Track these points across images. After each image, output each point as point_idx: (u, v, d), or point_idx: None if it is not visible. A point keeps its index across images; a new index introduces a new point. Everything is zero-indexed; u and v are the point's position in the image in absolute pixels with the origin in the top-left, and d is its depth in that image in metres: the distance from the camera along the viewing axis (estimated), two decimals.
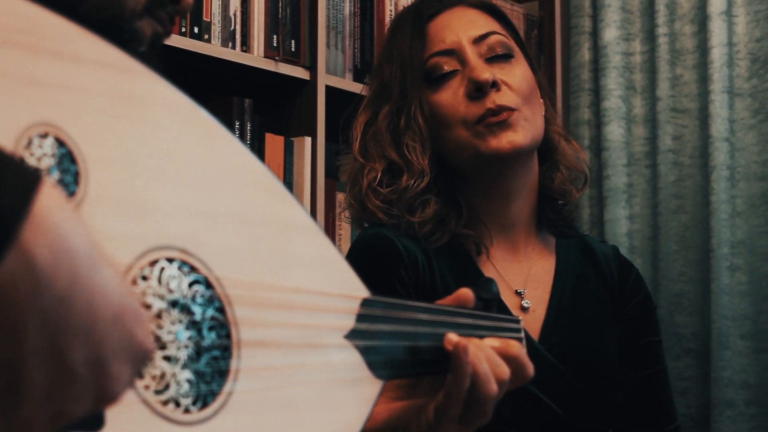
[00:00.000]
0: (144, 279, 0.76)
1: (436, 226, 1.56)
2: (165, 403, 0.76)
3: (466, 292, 1.13)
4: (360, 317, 0.96)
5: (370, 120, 1.65)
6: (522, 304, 1.59)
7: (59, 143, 0.70)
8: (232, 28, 2.32)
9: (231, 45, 2.31)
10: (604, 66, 3.09)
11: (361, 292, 0.97)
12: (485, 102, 1.55)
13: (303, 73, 2.45)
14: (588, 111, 3.16)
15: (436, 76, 1.60)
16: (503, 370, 1.10)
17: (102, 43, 0.74)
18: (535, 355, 1.19)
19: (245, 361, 0.82)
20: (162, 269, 0.77)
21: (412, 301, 1.05)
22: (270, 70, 2.38)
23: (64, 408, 0.62)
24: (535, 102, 1.61)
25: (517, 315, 1.40)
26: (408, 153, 1.57)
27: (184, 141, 0.80)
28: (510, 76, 1.59)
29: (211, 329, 0.80)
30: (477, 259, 1.59)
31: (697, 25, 3.00)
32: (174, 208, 0.78)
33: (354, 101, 1.75)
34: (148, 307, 0.76)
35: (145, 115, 0.77)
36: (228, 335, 0.81)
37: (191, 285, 0.79)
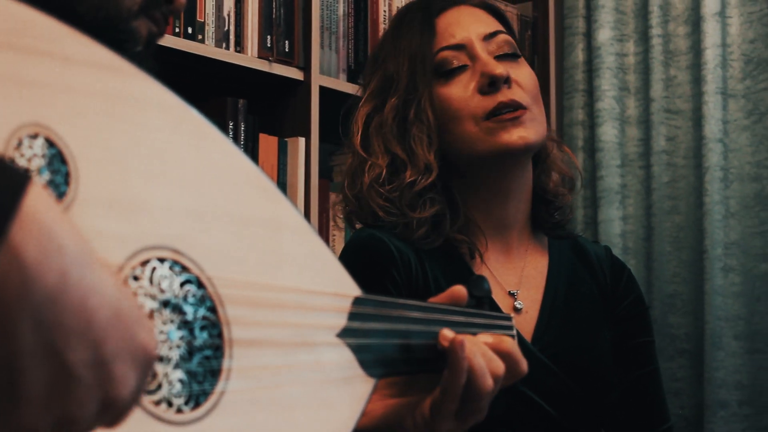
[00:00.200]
0: (135, 279, 0.76)
1: (431, 228, 1.56)
2: (157, 403, 0.76)
3: (459, 290, 1.13)
4: (352, 316, 0.96)
5: (372, 112, 1.64)
6: (515, 305, 1.59)
7: (49, 144, 0.70)
8: (226, 28, 2.32)
9: (225, 45, 2.31)
10: (597, 67, 3.10)
11: (353, 290, 0.97)
12: (497, 96, 1.55)
13: (297, 74, 2.45)
14: (582, 112, 3.16)
15: (445, 70, 1.59)
16: (498, 365, 1.10)
17: (93, 44, 0.74)
18: (528, 355, 1.19)
19: (237, 361, 0.82)
20: (153, 269, 0.77)
21: (403, 299, 1.05)
22: (264, 70, 2.38)
23: (67, 413, 0.62)
24: (540, 103, 1.62)
25: (512, 322, 1.40)
26: (414, 145, 1.57)
27: (176, 141, 0.80)
28: (519, 74, 1.59)
29: (203, 329, 0.80)
30: (470, 261, 1.59)
31: (690, 26, 3.01)
32: (165, 208, 0.78)
33: (349, 100, 1.75)
34: (142, 309, 0.76)
35: (136, 116, 0.77)
36: (220, 335, 0.81)
37: (183, 285, 0.79)
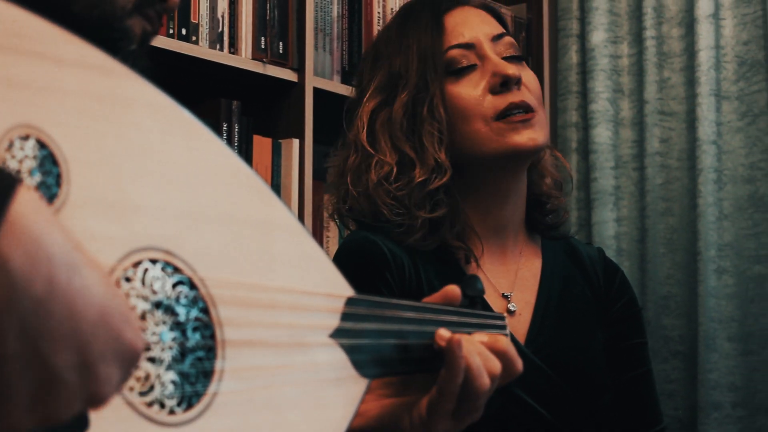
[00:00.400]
0: (127, 280, 0.76)
1: (429, 230, 1.55)
2: (150, 404, 0.76)
3: (452, 289, 1.13)
4: (345, 316, 0.96)
5: (378, 108, 1.62)
6: (508, 307, 1.59)
7: (41, 145, 0.70)
8: (220, 29, 2.32)
9: (219, 47, 2.31)
10: (591, 69, 3.10)
11: (346, 290, 0.97)
12: (508, 96, 1.55)
13: (291, 75, 2.45)
14: (576, 114, 3.16)
15: (455, 68, 1.59)
16: (495, 364, 1.11)
17: (85, 45, 0.74)
18: (521, 358, 1.19)
19: (230, 362, 0.82)
20: (145, 270, 0.77)
21: (396, 299, 1.06)
22: (258, 72, 2.38)
23: (51, 413, 0.62)
24: (543, 106, 1.62)
25: (505, 321, 1.39)
26: (426, 142, 1.56)
27: (168, 142, 0.80)
28: (526, 77, 1.59)
29: (195, 330, 0.80)
30: (465, 266, 1.58)
31: (684, 28, 3.01)
32: (157, 209, 0.78)
33: (348, 99, 1.74)
34: (132, 308, 0.76)
35: (128, 117, 0.77)
36: (212, 336, 0.81)
37: (175, 286, 0.79)
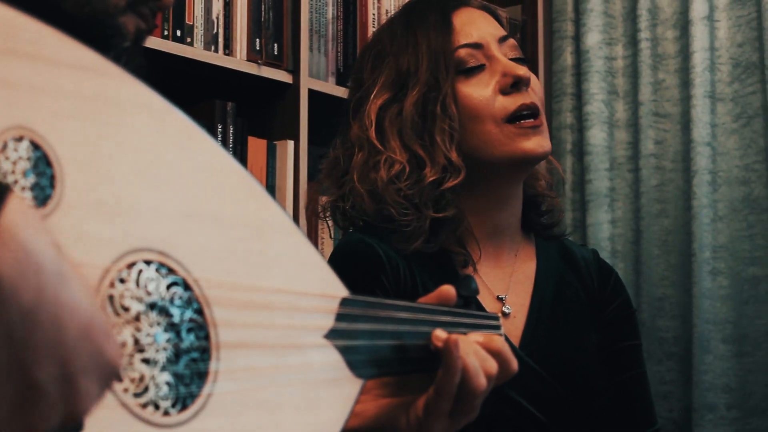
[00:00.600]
0: (122, 281, 0.76)
1: (431, 234, 1.54)
2: (144, 405, 0.76)
3: (447, 289, 1.13)
4: (339, 317, 0.96)
5: (386, 106, 1.60)
6: (503, 309, 1.59)
7: (34, 146, 0.70)
8: (215, 31, 2.32)
9: (214, 48, 2.31)
10: (586, 70, 3.10)
11: (340, 291, 0.97)
12: (518, 98, 1.55)
13: (286, 77, 2.45)
14: (570, 115, 3.17)
15: (464, 68, 1.59)
16: (491, 364, 1.11)
17: (78, 46, 0.74)
18: (516, 360, 1.19)
19: (224, 363, 0.82)
20: (140, 271, 0.77)
21: (391, 299, 1.05)
22: (253, 73, 2.38)
23: (30, 425, 0.62)
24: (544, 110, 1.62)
25: (499, 321, 1.39)
26: (437, 141, 1.55)
27: (161, 143, 0.80)
28: (532, 80, 1.60)
29: (189, 331, 0.80)
30: (461, 269, 1.58)
31: (679, 30, 3.01)
32: (151, 210, 0.78)
33: (341, 102, 1.73)
34: (126, 309, 0.76)
35: (121, 118, 0.77)
36: (207, 337, 0.81)
37: (169, 287, 0.79)
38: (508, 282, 1.62)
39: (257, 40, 2.39)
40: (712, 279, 2.81)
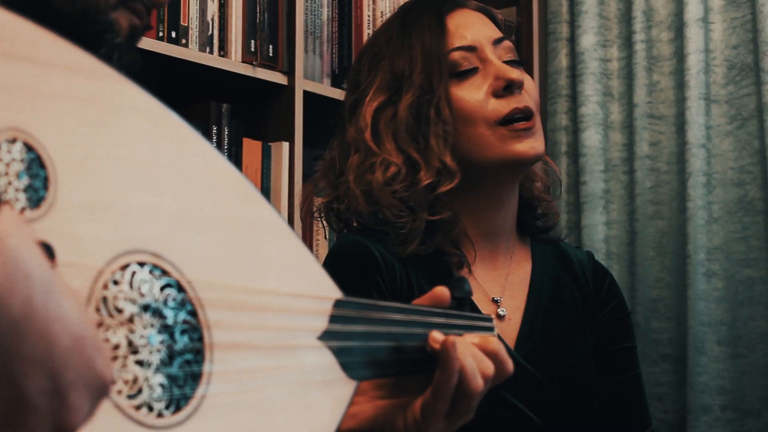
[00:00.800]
0: (115, 283, 0.75)
1: (426, 235, 1.54)
2: (138, 407, 0.76)
3: (441, 290, 1.13)
4: (333, 318, 0.96)
5: (381, 107, 1.60)
6: (498, 312, 1.59)
7: (28, 148, 0.70)
8: (210, 32, 2.32)
9: (209, 50, 2.31)
10: (581, 72, 3.10)
11: (334, 293, 0.97)
12: (511, 101, 1.55)
13: (281, 78, 2.45)
14: (565, 117, 3.17)
15: (458, 71, 1.59)
16: (488, 365, 1.11)
17: (71, 48, 0.74)
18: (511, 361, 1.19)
19: (218, 365, 0.82)
20: (133, 273, 0.77)
21: (384, 301, 1.05)
22: (248, 75, 2.38)
23: None
24: (539, 112, 1.62)
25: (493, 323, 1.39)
26: (431, 145, 1.55)
27: (154, 144, 0.80)
28: (526, 82, 1.59)
29: (183, 333, 0.80)
30: (456, 270, 1.58)
31: (673, 32, 3.02)
32: (144, 211, 0.78)
33: (336, 104, 1.73)
34: (120, 311, 0.76)
35: (115, 120, 0.77)
36: (200, 338, 0.81)
37: (163, 289, 0.79)
38: (503, 284, 1.62)
39: (252, 41, 2.39)
40: (706, 281, 2.82)
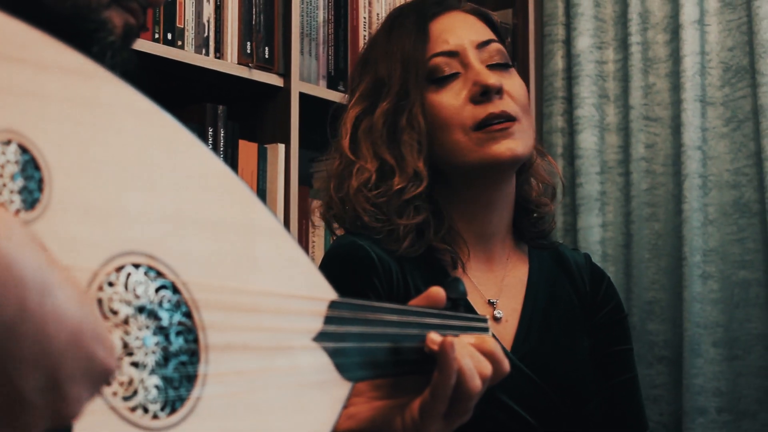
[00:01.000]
0: (110, 285, 0.75)
1: (416, 236, 1.55)
2: (133, 409, 0.76)
3: (437, 291, 1.13)
4: (328, 319, 0.96)
5: (361, 115, 1.62)
6: (495, 314, 1.59)
7: (22, 150, 0.70)
8: (206, 34, 2.32)
9: (204, 52, 2.31)
10: (577, 74, 3.10)
11: (329, 294, 0.97)
12: (488, 106, 1.55)
13: (277, 80, 2.44)
14: (561, 119, 3.17)
15: (437, 76, 1.59)
16: (485, 366, 1.11)
17: (66, 49, 0.74)
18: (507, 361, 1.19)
19: (213, 366, 0.82)
20: (128, 275, 0.77)
21: (380, 302, 1.05)
22: (243, 76, 2.38)
23: None
24: (529, 113, 1.62)
25: (490, 326, 1.39)
26: (404, 152, 1.56)
27: (149, 146, 0.80)
28: (510, 85, 1.59)
29: (178, 334, 0.80)
30: (452, 271, 1.58)
31: (669, 34, 3.02)
32: (139, 213, 0.78)
33: (335, 104, 1.74)
34: (115, 312, 0.76)
35: (109, 121, 0.77)
36: (195, 340, 0.81)
37: (158, 290, 0.79)
38: (499, 286, 1.62)
39: (248, 43, 2.39)
40: (702, 283, 2.82)
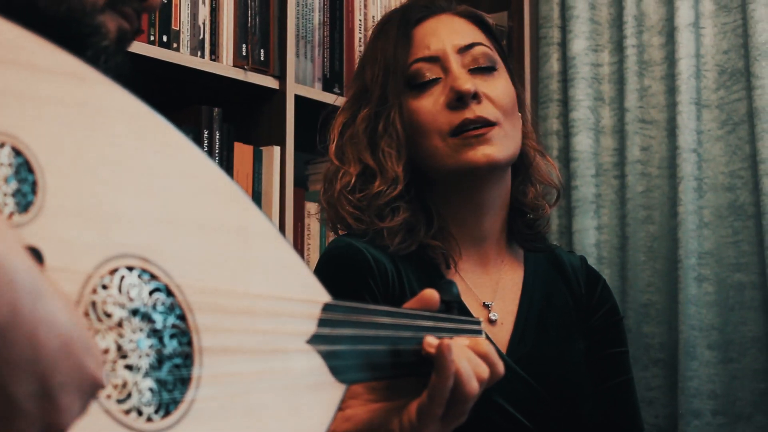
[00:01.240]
0: (104, 288, 0.75)
1: (406, 234, 1.56)
2: (127, 412, 0.76)
3: (430, 294, 1.13)
4: (322, 322, 0.96)
5: (348, 121, 1.64)
6: (490, 316, 1.59)
7: (16, 153, 0.70)
8: (201, 36, 2.32)
9: (200, 54, 2.31)
10: (572, 77, 3.10)
11: (323, 296, 0.97)
12: (464, 112, 1.55)
13: (272, 83, 2.44)
14: (557, 121, 3.17)
15: (418, 82, 1.59)
16: (483, 369, 1.11)
17: (59, 52, 0.74)
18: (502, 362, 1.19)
19: (207, 369, 0.82)
20: (122, 278, 0.77)
21: (373, 305, 1.06)
22: (239, 79, 2.38)
23: None
24: (515, 116, 1.61)
25: (485, 329, 1.39)
26: (383, 158, 1.57)
27: (143, 149, 0.80)
28: (492, 89, 1.59)
29: (172, 337, 0.80)
30: (446, 271, 1.59)
31: (665, 37, 3.02)
32: (133, 216, 0.78)
33: (328, 108, 1.75)
34: (109, 315, 0.76)
35: (103, 124, 0.77)
36: (189, 343, 0.81)
37: (152, 293, 0.79)
38: (494, 289, 1.62)
39: (244, 45, 2.39)
40: (697, 285, 2.82)
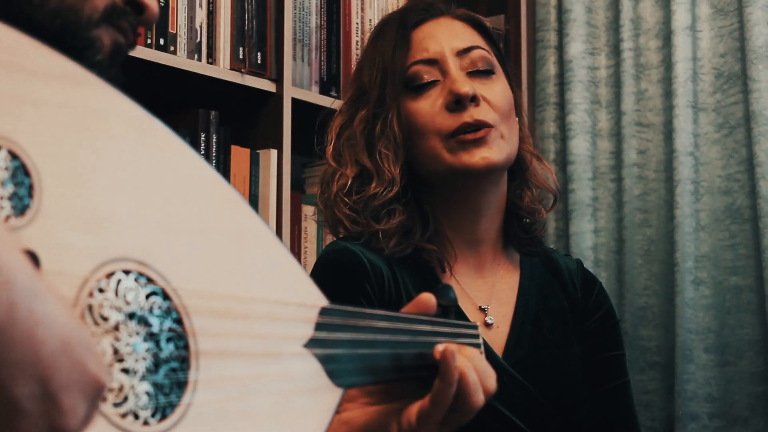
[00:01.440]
0: (101, 291, 0.75)
1: (401, 237, 1.56)
2: (124, 415, 0.76)
3: (428, 298, 1.13)
4: (319, 326, 0.96)
5: (345, 123, 1.64)
6: (486, 320, 1.59)
7: (12, 156, 0.69)
8: (198, 40, 2.32)
9: (197, 57, 2.31)
10: (569, 80, 3.11)
11: (320, 300, 0.97)
12: (462, 115, 1.55)
13: (269, 86, 2.45)
14: (553, 125, 3.17)
15: (416, 84, 1.59)
16: (491, 383, 1.11)
17: (55, 55, 0.74)
18: (499, 370, 1.19)
19: (204, 372, 0.82)
20: (119, 281, 0.76)
21: (370, 309, 1.06)
22: (236, 82, 2.38)
23: None
24: (512, 120, 1.62)
25: (480, 332, 1.39)
26: (380, 160, 1.57)
27: (140, 152, 0.80)
28: (490, 92, 1.59)
29: (169, 340, 0.80)
30: (441, 275, 1.59)
31: (661, 40, 3.02)
32: (130, 219, 0.78)
33: (324, 110, 1.75)
34: (106, 319, 0.76)
35: (100, 127, 0.77)
36: (186, 346, 0.81)
37: (148, 296, 0.79)
38: (490, 292, 1.62)
39: (241, 48, 2.39)
40: (694, 288, 2.82)
